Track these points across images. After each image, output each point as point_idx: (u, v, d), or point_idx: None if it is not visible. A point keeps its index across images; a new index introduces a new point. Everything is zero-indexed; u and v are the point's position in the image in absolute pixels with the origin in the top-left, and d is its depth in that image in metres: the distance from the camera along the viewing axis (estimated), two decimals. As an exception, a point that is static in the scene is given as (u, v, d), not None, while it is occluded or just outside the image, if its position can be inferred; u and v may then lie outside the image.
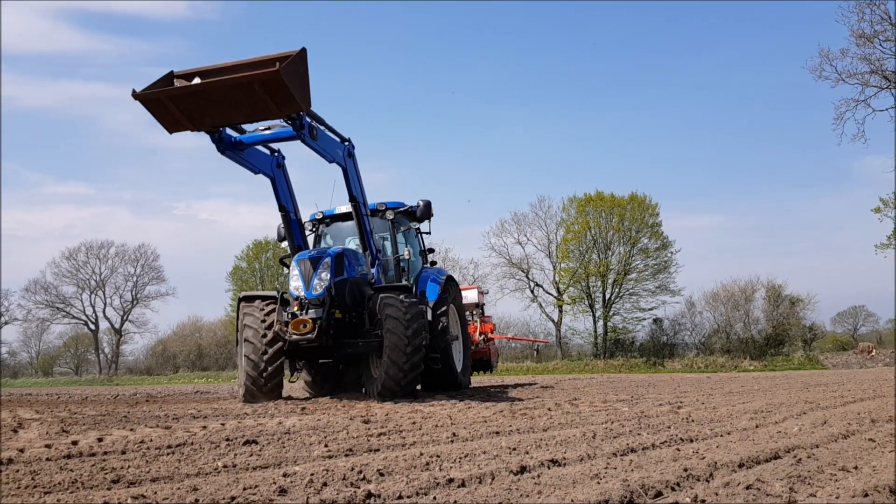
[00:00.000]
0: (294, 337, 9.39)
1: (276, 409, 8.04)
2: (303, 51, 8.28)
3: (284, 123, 9.13)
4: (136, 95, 8.21)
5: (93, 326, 51.48)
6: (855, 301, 69.37)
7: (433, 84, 78.89)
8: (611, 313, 40.38)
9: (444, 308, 11.13)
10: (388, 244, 12.09)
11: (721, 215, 74.11)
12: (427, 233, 12.60)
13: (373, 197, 11.50)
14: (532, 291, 41.07)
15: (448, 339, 11.13)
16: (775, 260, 72.98)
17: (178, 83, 8.43)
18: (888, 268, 39.81)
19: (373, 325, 9.79)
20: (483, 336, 16.17)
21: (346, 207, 11.34)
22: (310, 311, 9.63)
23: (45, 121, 76.01)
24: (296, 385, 11.79)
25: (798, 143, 70.39)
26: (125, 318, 51.45)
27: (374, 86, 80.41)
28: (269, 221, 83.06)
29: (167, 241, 74.11)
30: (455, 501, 2.89)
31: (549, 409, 7.33)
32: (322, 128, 9.70)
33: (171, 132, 8.66)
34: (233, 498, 2.96)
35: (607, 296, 40.31)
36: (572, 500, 2.81)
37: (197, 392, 16.32)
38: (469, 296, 15.90)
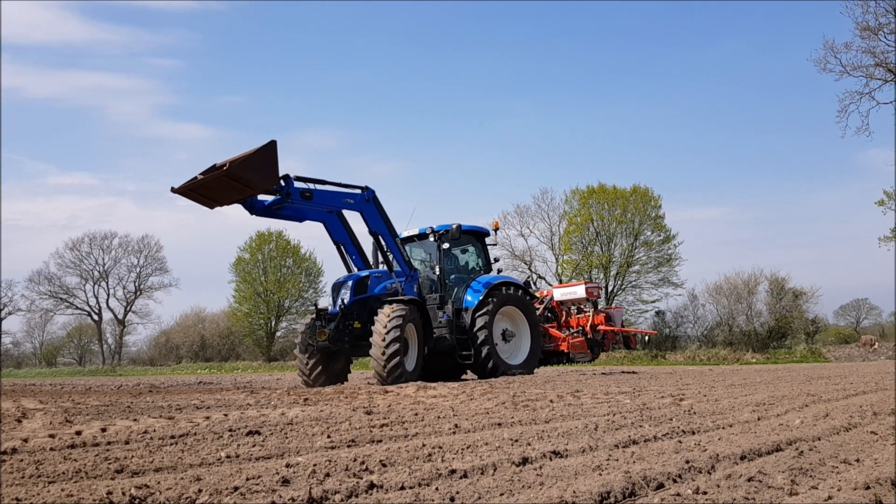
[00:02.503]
0: (319, 343, 12.21)
1: (278, 400, 8.07)
2: (271, 143, 10.90)
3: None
4: (173, 190, 11.22)
5: (96, 317, 51.74)
6: (858, 294, 69.48)
7: (437, 76, 78.82)
8: (613, 305, 40.37)
9: (483, 313, 13.31)
10: (464, 259, 14.87)
11: (724, 208, 74.06)
12: (493, 244, 15.11)
13: (376, 190, 13.05)
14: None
15: (483, 337, 13.18)
16: (779, 252, 73.10)
17: (200, 176, 11.09)
18: (891, 261, 39.72)
19: None
20: (581, 329, 17.46)
21: (409, 231, 14.34)
22: (331, 323, 12.33)
23: (51, 111, 76.24)
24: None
25: (802, 136, 70.33)
26: (128, 308, 51.72)
27: (379, 77, 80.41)
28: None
29: (171, 231, 74.48)
30: (457, 492, 2.90)
31: (551, 401, 7.34)
32: (325, 187, 12.24)
33: (211, 209, 11.72)
34: (236, 488, 2.97)
35: (610, 288, 40.30)
36: (574, 492, 2.82)
37: (200, 383, 16.38)
38: (577, 291, 17.90)
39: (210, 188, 11.09)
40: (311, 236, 75.66)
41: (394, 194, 78.45)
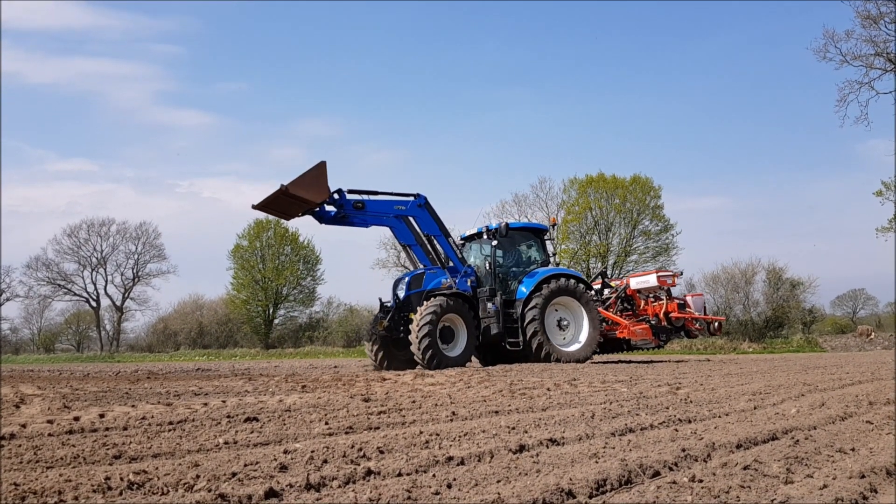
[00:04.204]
0: (379, 332, 13.86)
1: (276, 387, 8.09)
2: (321, 164, 12.95)
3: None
4: (254, 206, 13.18)
5: (94, 304, 51.65)
6: (855, 284, 69.58)
7: (437, 65, 78.51)
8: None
9: (533, 303, 14.25)
10: (530, 254, 15.98)
11: (723, 198, 74.05)
12: (551, 239, 16.54)
13: (376, 180, 14.42)
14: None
15: (530, 321, 14.11)
16: (776, 242, 73.19)
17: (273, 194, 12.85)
18: (888, 251, 39.77)
19: None
20: (655, 316, 17.61)
21: (471, 231, 15.94)
22: (389, 315, 13.90)
23: (51, 97, 75.83)
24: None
25: (801, 126, 70.23)
26: (126, 295, 51.62)
27: (379, 66, 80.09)
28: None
29: (170, 218, 74.30)
30: (454, 479, 2.91)
31: (548, 389, 7.37)
32: (377, 197, 14.00)
33: (287, 220, 14.17)
34: (234, 474, 2.98)
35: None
36: (571, 479, 2.83)
37: (198, 369, 16.40)
38: (649, 280, 18.12)
39: (279, 204, 13.11)
40: (309, 224, 75.51)
41: (393, 183, 78.31)
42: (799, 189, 70.75)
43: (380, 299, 14.58)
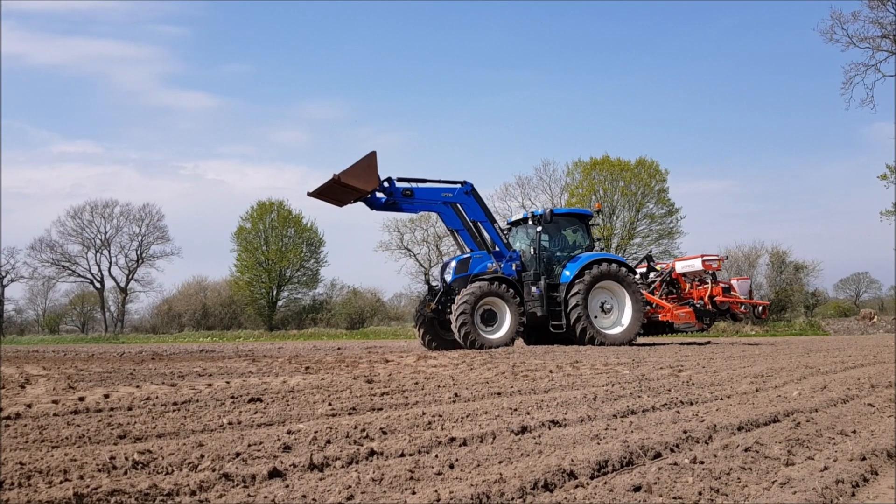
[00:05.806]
0: (426, 314, 14.78)
1: (280, 369, 8.12)
2: (371, 154, 13.62)
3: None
4: (309, 194, 14.03)
5: (98, 285, 51.80)
6: (858, 268, 69.43)
7: (441, 48, 77.99)
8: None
9: (576, 287, 14.58)
10: (567, 239, 16.36)
11: (727, 181, 73.74)
12: (596, 224, 16.99)
13: (389, 166, 14.83)
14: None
15: (573, 305, 14.43)
16: (781, 226, 72.98)
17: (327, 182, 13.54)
18: (892, 235, 39.62)
19: None
20: (701, 300, 17.71)
21: (517, 216, 16.61)
22: (436, 297, 14.74)
23: (55, 78, 75.54)
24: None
25: (806, 109, 69.73)
26: (130, 276, 51.71)
27: (385, 48, 79.59)
28: (274, 183, 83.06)
29: (174, 200, 74.32)
30: (456, 460, 2.92)
31: (550, 371, 7.39)
32: (425, 185, 14.61)
33: (340, 207, 14.63)
34: (237, 454, 3.00)
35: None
36: (572, 460, 2.84)
37: (202, 351, 16.47)
38: (694, 264, 18.22)
39: (332, 192, 13.83)
40: (312, 206, 75.43)
41: (399, 164, 78.25)
42: (804, 172, 70.45)
43: (428, 282, 15.57)
